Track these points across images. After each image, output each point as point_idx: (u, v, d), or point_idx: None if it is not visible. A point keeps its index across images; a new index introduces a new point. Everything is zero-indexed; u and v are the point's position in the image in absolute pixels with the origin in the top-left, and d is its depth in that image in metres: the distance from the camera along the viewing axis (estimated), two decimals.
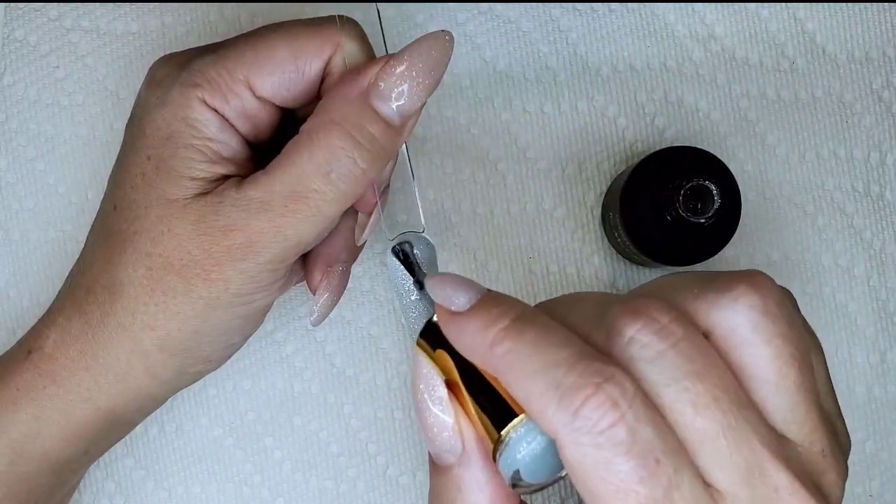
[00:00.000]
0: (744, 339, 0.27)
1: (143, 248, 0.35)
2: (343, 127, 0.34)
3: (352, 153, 0.34)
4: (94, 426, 0.37)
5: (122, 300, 0.36)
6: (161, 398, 0.39)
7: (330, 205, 0.35)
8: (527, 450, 0.27)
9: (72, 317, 0.37)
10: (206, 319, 0.36)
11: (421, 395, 0.29)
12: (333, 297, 0.40)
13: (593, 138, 0.48)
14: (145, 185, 0.36)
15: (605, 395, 0.25)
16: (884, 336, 0.48)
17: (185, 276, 0.35)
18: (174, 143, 0.35)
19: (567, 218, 0.48)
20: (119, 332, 0.36)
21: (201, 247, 0.35)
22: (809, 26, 0.48)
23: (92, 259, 0.37)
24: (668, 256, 0.43)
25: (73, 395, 0.37)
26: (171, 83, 0.36)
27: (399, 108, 0.35)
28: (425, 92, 0.35)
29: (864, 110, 0.48)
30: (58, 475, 0.38)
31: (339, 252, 0.40)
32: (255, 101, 0.36)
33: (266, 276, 0.36)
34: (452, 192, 0.48)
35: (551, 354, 0.26)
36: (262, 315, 0.38)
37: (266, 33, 0.36)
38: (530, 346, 0.27)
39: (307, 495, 0.47)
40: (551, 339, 0.27)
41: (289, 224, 0.35)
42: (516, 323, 0.27)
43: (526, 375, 0.26)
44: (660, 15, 0.48)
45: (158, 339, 0.36)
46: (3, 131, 0.47)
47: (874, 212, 0.48)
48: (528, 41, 0.48)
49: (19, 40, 0.47)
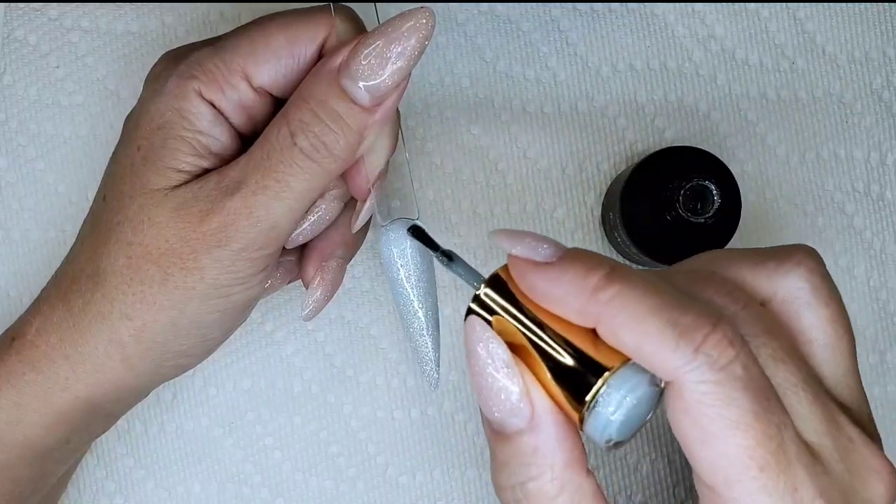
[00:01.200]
0: (806, 303, 0.30)
1: (124, 238, 0.36)
2: (309, 103, 0.34)
3: (315, 128, 0.34)
4: (74, 415, 0.37)
5: (102, 289, 0.36)
6: (142, 390, 0.39)
7: (298, 180, 0.35)
8: (621, 403, 0.27)
9: (55, 305, 0.37)
10: (182, 311, 0.36)
11: (482, 361, 0.28)
12: (326, 292, 0.40)
13: (593, 138, 0.48)
14: (132, 175, 0.36)
15: (721, 333, 0.26)
16: (884, 336, 0.48)
17: (162, 266, 0.35)
18: (164, 134, 0.36)
19: (567, 218, 0.48)
20: (98, 320, 0.36)
21: (179, 234, 0.35)
22: (809, 26, 0.48)
23: (80, 249, 0.37)
24: (668, 256, 0.43)
25: (52, 382, 0.37)
26: (167, 75, 0.36)
27: (367, 87, 0.34)
28: (397, 73, 0.34)
29: (864, 110, 0.48)
30: (40, 464, 0.38)
31: (334, 247, 0.40)
32: (252, 91, 0.36)
33: (242, 265, 0.35)
34: (452, 192, 0.48)
35: (661, 297, 0.26)
36: (241, 311, 0.38)
37: (261, 22, 0.37)
38: (639, 289, 0.27)
39: (307, 495, 0.47)
40: (657, 285, 0.27)
41: (260, 203, 0.35)
42: (615, 272, 0.27)
43: (638, 318, 0.26)
44: (660, 15, 0.48)
45: (135, 330, 0.36)
46: (3, 131, 0.47)
47: (874, 212, 0.48)
48: (528, 41, 0.48)
49: (19, 40, 0.47)
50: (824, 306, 0.30)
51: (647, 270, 0.30)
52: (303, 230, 0.38)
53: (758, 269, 0.30)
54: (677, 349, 0.26)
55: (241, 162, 0.35)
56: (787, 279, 0.30)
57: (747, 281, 0.30)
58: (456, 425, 0.47)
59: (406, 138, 0.47)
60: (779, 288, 0.30)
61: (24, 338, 0.37)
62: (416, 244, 0.38)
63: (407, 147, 0.47)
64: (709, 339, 0.26)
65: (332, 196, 0.38)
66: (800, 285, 0.30)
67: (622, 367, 0.27)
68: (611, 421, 0.27)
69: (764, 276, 0.30)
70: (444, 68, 0.48)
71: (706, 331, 0.26)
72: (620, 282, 0.27)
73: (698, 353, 0.26)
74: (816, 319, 0.30)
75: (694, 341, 0.26)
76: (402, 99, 0.47)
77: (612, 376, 0.27)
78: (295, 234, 0.38)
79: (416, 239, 0.33)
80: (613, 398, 0.27)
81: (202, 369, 0.47)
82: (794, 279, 0.30)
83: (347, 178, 0.38)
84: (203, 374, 0.47)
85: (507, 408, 0.28)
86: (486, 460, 0.47)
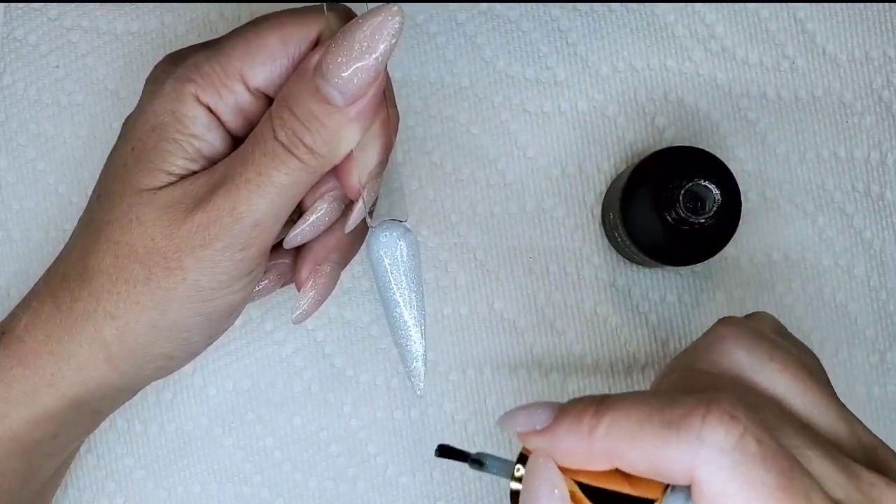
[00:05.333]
0: (752, 373, 0.30)
1: (112, 237, 0.36)
2: (287, 101, 0.35)
3: (291, 126, 0.34)
4: (61, 411, 0.38)
5: (89, 287, 0.36)
6: (128, 389, 0.39)
7: (280, 173, 0.35)
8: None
9: (44, 301, 0.37)
10: (163, 312, 0.36)
11: None
12: (318, 296, 0.40)
13: (593, 138, 0.48)
14: (125, 175, 0.36)
15: (719, 410, 0.25)
16: (884, 336, 0.48)
17: (146, 265, 0.35)
18: (158, 135, 0.36)
19: (567, 217, 0.48)
20: (84, 318, 0.36)
21: (164, 232, 0.35)
22: (809, 26, 0.48)
23: (72, 247, 0.38)
24: (668, 256, 0.43)
25: (38, 378, 0.37)
26: (165, 78, 0.36)
27: (338, 86, 0.34)
28: (364, 71, 0.33)
29: (865, 110, 0.48)
30: (28, 459, 0.38)
31: (329, 251, 0.40)
32: (248, 94, 0.36)
33: (225, 266, 0.35)
34: (452, 192, 0.48)
35: (648, 405, 0.27)
36: (224, 317, 0.38)
37: (255, 24, 0.37)
38: (626, 411, 0.27)
39: (307, 495, 0.47)
40: (642, 400, 0.27)
41: (242, 198, 0.35)
42: (602, 404, 0.28)
43: (634, 436, 0.26)
44: (660, 15, 0.48)
45: (118, 329, 0.36)
46: (3, 131, 0.47)
47: (874, 212, 0.48)
48: (528, 41, 0.48)
49: (19, 40, 0.47)
50: (769, 362, 0.29)
51: (633, 392, 0.30)
52: (301, 230, 0.38)
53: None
54: (680, 444, 0.25)
55: (227, 159, 0.36)
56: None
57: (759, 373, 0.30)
58: (456, 425, 0.47)
59: (405, 138, 0.47)
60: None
61: (13, 333, 0.37)
62: (407, 245, 0.38)
63: (406, 146, 0.47)
64: (708, 421, 0.25)
65: (332, 197, 0.38)
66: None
67: (667, 492, 0.27)
68: None
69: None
70: (443, 68, 0.48)
71: (702, 413, 0.25)
72: (609, 412, 0.27)
73: (702, 439, 0.25)
74: (772, 376, 0.29)
75: (693, 429, 0.25)
76: (401, 98, 0.47)
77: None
78: (293, 234, 0.38)
79: (445, 457, 0.33)
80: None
81: (202, 369, 0.47)
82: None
83: (340, 177, 0.38)
84: (203, 374, 0.47)
85: None
86: None
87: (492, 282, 0.48)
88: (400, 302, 0.38)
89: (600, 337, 0.48)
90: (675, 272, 0.48)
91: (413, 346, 0.39)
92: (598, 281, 0.48)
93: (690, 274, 0.48)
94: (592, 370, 0.48)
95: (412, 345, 0.39)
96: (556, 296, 0.48)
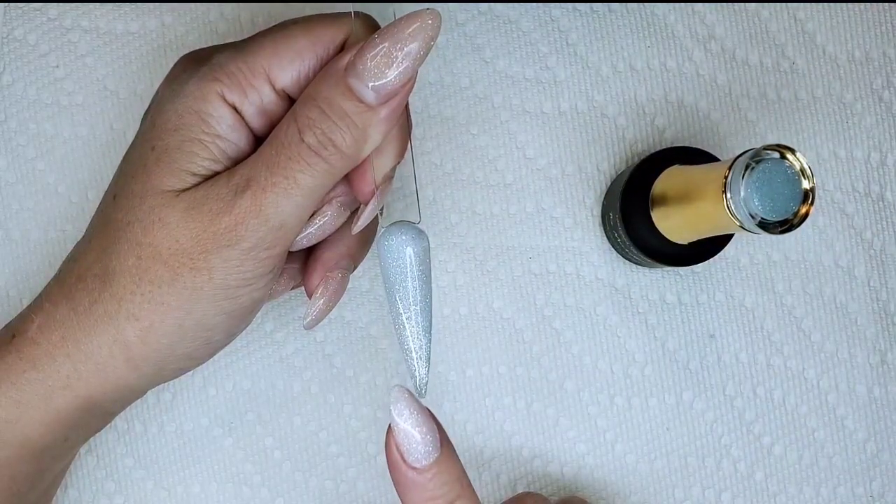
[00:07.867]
0: None
1: (134, 238, 0.36)
2: (316, 101, 0.35)
3: (322, 125, 0.35)
4: (74, 414, 0.37)
5: (110, 288, 0.36)
6: (141, 390, 0.39)
7: (306, 176, 0.35)
8: None
9: (59, 302, 0.37)
10: (189, 312, 0.36)
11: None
12: (329, 302, 0.40)
13: (593, 138, 0.48)
14: (145, 175, 0.36)
15: None
16: (884, 336, 0.48)
17: (171, 266, 0.35)
18: (181, 136, 0.36)
19: (567, 217, 0.48)
20: (104, 320, 0.36)
21: (190, 234, 0.35)
22: (809, 26, 0.48)
23: (87, 248, 0.37)
24: (668, 256, 0.43)
25: (53, 380, 0.36)
26: (188, 77, 0.36)
27: (374, 87, 0.34)
28: (402, 73, 0.34)
29: (864, 110, 0.48)
30: (38, 462, 0.38)
31: (339, 258, 0.40)
32: (274, 95, 0.36)
33: (250, 265, 0.36)
34: (452, 192, 0.48)
35: None
36: (247, 314, 0.38)
37: (284, 25, 0.37)
38: None
39: (307, 495, 0.47)
40: None
41: (269, 201, 0.35)
42: None
43: None
44: (660, 15, 0.48)
45: (142, 331, 0.36)
46: (3, 131, 0.47)
47: (874, 212, 0.48)
48: (528, 41, 0.48)
49: (19, 40, 0.47)
50: None
51: None
52: (307, 234, 0.38)
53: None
54: None
55: (250, 161, 0.36)
56: None
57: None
58: (456, 425, 0.47)
59: (411, 139, 0.47)
60: None
61: (25, 335, 0.37)
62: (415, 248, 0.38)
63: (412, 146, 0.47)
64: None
65: (339, 203, 0.38)
66: None
67: None
68: None
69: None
70: (443, 68, 0.48)
71: None
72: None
73: None
74: None
75: None
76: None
77: None
78: (299, 237, 0.38)
79: None
80: None
81: (202, 369, 0.47)
82: None
83: (353, 179, 0.38)
84: (203, 374, 0.47)
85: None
86: (486, 460, 0.47)
87: (491, 282, 0.48)
88: (409, 302, 0.38)
89: (599, 337, 0.48)
90: (674, 272, 0.48)
91: (418, 347, 0.39)
92: (597, 281, 0.48)
93: (690, 274, 0.48)
94: (591, 370, 0.48)
95: (417, 347, 0.39)
96: (556, 296, 0.48)
